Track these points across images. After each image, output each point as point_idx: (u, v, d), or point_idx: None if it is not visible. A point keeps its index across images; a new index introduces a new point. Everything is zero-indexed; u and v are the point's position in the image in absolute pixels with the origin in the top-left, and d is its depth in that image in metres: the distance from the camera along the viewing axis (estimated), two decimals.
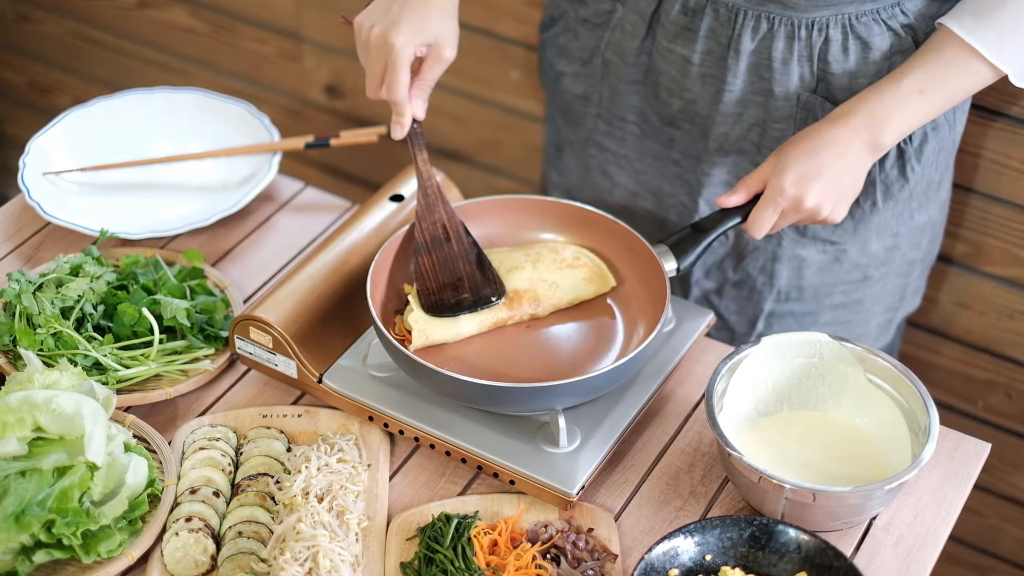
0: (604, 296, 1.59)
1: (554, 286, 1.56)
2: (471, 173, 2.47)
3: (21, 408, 1.37)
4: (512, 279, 1.55)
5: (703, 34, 1.63)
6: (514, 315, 1.54)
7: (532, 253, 1.59)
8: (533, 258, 1.58)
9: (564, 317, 1.57)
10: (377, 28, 1.51)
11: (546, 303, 1.55)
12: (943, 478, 1.50)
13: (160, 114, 1.94)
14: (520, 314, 1.55)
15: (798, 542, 1.36)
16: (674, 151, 1.77)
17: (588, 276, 1.57)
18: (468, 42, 2.31)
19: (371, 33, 1.52)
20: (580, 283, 1.57)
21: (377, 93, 1.55)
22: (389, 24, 1.51)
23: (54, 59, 2.89)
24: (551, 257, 1.58)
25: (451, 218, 1.59)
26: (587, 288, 1.57)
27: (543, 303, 1.55)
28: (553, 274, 1.56)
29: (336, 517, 1.40)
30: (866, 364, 1.49)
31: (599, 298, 1.58)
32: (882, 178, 1.68)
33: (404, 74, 1.52)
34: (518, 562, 1.37)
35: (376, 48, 1.52)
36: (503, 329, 1.54)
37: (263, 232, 1.82)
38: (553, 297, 1.55)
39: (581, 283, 1.57)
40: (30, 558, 1.34)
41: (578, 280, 1.57)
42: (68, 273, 1.63)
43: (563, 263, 1.57)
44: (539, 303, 1.55)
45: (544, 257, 1.58)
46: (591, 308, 1.58)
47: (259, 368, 1.57)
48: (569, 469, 1.43)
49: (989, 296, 2.03)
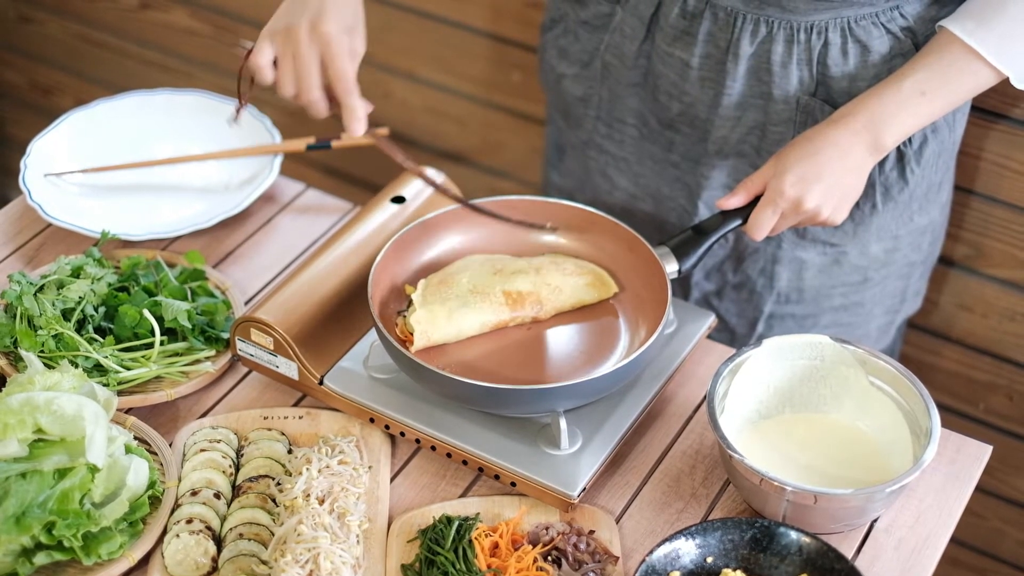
0: (606, 298, 1.59)
1: (557, 290, 1.56)
2: (472, 175, 2.47)
3: (22, 410, 1.37)
4: (515, 282, 1.55)
5: (702, 37, 1.63)
6: (516, 316, 1.54)
7: (535, 262, 1.59)
8: (536, 266, 1.58)
9: (565, 319, 1.57)
10: (302, 22, 1.43)
11: (548, 305, 1.55)
12: (944, 480, 1.50)
13: (162, 115, 1.94)
14: (523, 316, 1.55)
15: (799, 544, 1.36)
16: (673, 154, 1.77)
17: (591, 282, 1.57)
18: (470, 44, 2.32)
19: (295, 30, 1.43)
20: (582, 288, 1.57)
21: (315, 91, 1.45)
22: (315, 15, 1.43)
23: (56, 60, 2.89)
24: (553, 267, 1.58)
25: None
26: (589, 293, 1.57)
27: (546, 305, 1.55)
28: (556, 279, 1.56)
29: (337, 519, 1.40)
30: (867, 366, 1.49)
31: (600, 300, 1.58)
32: (882, 180, 1.68)
33: (347, 61, 1.43)
34: (519, 564, 1.37)
35: (307, 43, 1.43)
36: (504, 331, 1.54)
37: (264, 234, 1.82)
38: (556, 300, 1.55)
39: (584, 288, 1.57)
40: (31, 560, 1.34)
41: (580, 285, 1.57)
42: (69, 275, 1.63)
43: (566, 271, 1.58)
44: (542, 305, 1.55)
45: (547, 266, 1.58)
46: (592, 310, 1.58)
47: (260, 370, 1.57)
48: (570, 471, 1.43)
49: (990, 298, 2.03)
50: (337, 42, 1.43)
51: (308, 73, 1.44)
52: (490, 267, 1.58)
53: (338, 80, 1.45)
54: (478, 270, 1.57)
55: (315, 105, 1.46)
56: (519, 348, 1.53)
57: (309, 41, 1.43)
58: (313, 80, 1.45)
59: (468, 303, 1.52)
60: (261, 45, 1.47)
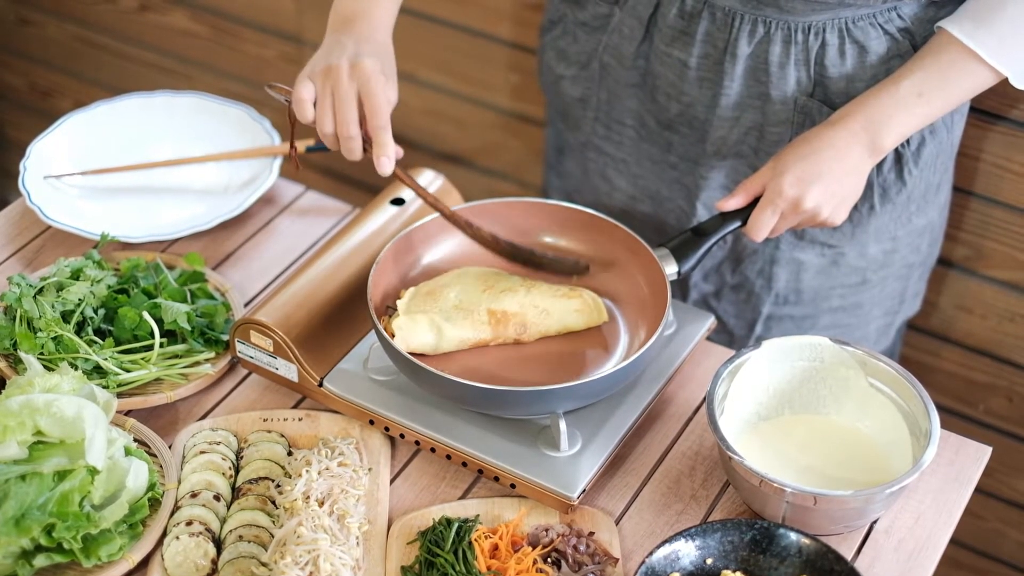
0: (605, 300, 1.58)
1: (544, 313, 1.54)
2: (472, 177, 2.47)
3: (21, 412, 1.37)
4: (503, 300, 1.54)
5: (700, 38, 1.64)
6: (498, 337, 1.53)
7: (528, 280, 1.58)
8: (528, 284, 1.57)
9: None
10: (342, 61, 1.45)
11: (533, 329, 1.54)
12: (944, 482, 1.50)
13: (161, 117, 1.94)
14: (504, 337, 1.53)
15: (799, 546, 1.36)
16: (672, 155, 1.77)
17: (580, 307, 1.55)
18: (469, 45, 2.32)
19: (335, 68, 1.45)
20: (571, 313, 1.55)
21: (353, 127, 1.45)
22: (354, 56, 1.46)
23: (55, 62, 2.89)
24: (547, 286, 1.57)
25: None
26: (577, 319, 1.55)
27: (529, 329, 1.54)
28: (545, 301, 1.54)
29: (337, 521, 1.40)
30: (867, 368, 1.49)
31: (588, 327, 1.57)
32: (879, 181, 1.68)
33: (383, 98, 1.45)
34: (519, 566, 1.37)
35: (347, 79, 1.44)
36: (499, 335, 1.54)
37: (264, 236, 1.82)
38: (541, 324, 1.54)
39: (572, 313, 1.55)
40: (30, 562, 1.34)
41: (569, 310, 1.55)
42: (69, 277, 1.63)
43: (557, 292, 1.55)
44: (525, 328, 1.53)
45: (540, 285, 1.57)
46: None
47: (260, 372, 1.57)
48: (570, 473, 1.43)
49: (989, 299, 2.03)
50: (375, 79, 1.44)
51: (347, 108, 1.45)
52: (481, 283, 1.56)
53: (372, 115, 1.45)
54: (468, 285, 1.56)
55: (351, 142, 1.46)
56: (518, 350, 1.53)
57: (348, 78, 1.45)
58: (351, 115, 1.45)
59: (450, 318, 1.51)
60: (302, 83, 1.48)
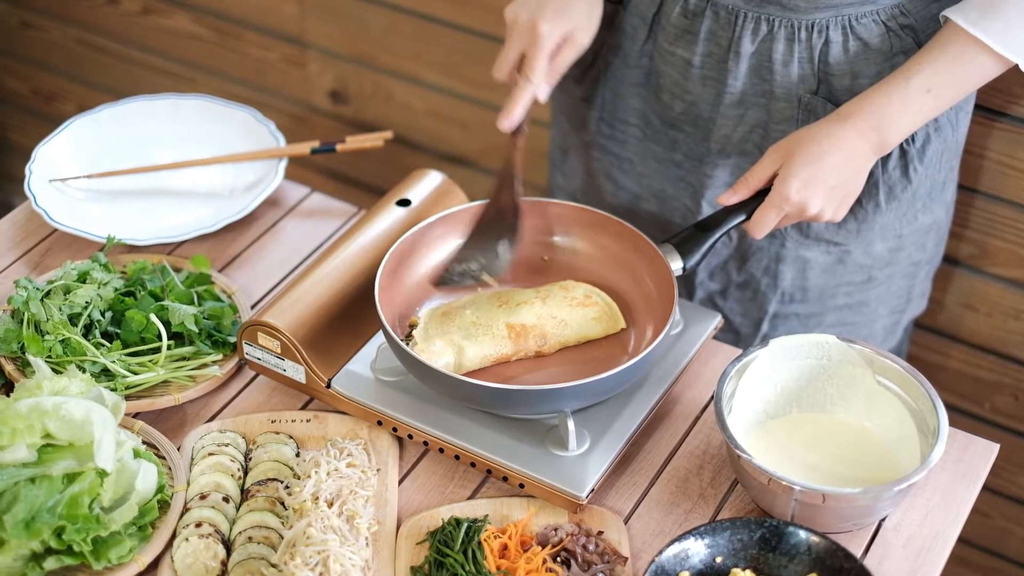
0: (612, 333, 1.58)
1: (562, 323, 1.54)
2: (477, 178, 2.47)
3: (30, 415, 1.37)
4: (520, 314, 1.54)
5: (703, 36, 1.64)
6: (519, 351, 1.53)
7: (543, 291, 1.58)
8: (543, 295, 1.57)
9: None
10: (524, 14, 1.57)
11: (553, 340, 1.54)
12: (952, 479, 1.50)
13: (166, 121, 1.95)
14: (526, 350, 1.54)
15: (808, 544, 1.36)
16: (676, 153, 1.77)
17: (597, 315, 1.56)
18: (473, 47, 2.32)
19: (519, 19, 1.57)
20: (589, 322, 1.55)
21: (504, 74, 1.59)
22: (536, 11, 1.56)
23: (58, 66, 2.90)
24: (561, 295, 1.57)
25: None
26: (595, 327, 1.56)
27: (549, 340, 1.54)
28: (562, 311, 1.55)
29: (346, 522, 1.40)
30: (875, 366, 1.49)
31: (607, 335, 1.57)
32: (885, 179, 1.68)
33: (543, 60, 1.56)
34: (528, 566, 1.37)
35: (520, 34, 1.57)
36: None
37: (270, 237, 1.82)
38: (560, 335, 1.54)
39: (590, 322, 1.55)
40: (40, 564, 1.34)
41: (587, 319, 1.55)
42: (75, 280, 1.63)
43: (573, 300, 1.56)
44: (545, 340, 1.54)
45: (554, 294, 1.57)
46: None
47: (267, 373, 1.57)
48: (578, 472, 1.43)
49: (995, 297, 2.03)
50: (544, 41, 1.56)
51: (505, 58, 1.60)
52: (495, 299, 1.57)
53: (529, 68, 1.57)
54: (482, 302, 1.56)
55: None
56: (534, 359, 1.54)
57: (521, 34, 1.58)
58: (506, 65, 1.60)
59: (470, 336, 1.51)
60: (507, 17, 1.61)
